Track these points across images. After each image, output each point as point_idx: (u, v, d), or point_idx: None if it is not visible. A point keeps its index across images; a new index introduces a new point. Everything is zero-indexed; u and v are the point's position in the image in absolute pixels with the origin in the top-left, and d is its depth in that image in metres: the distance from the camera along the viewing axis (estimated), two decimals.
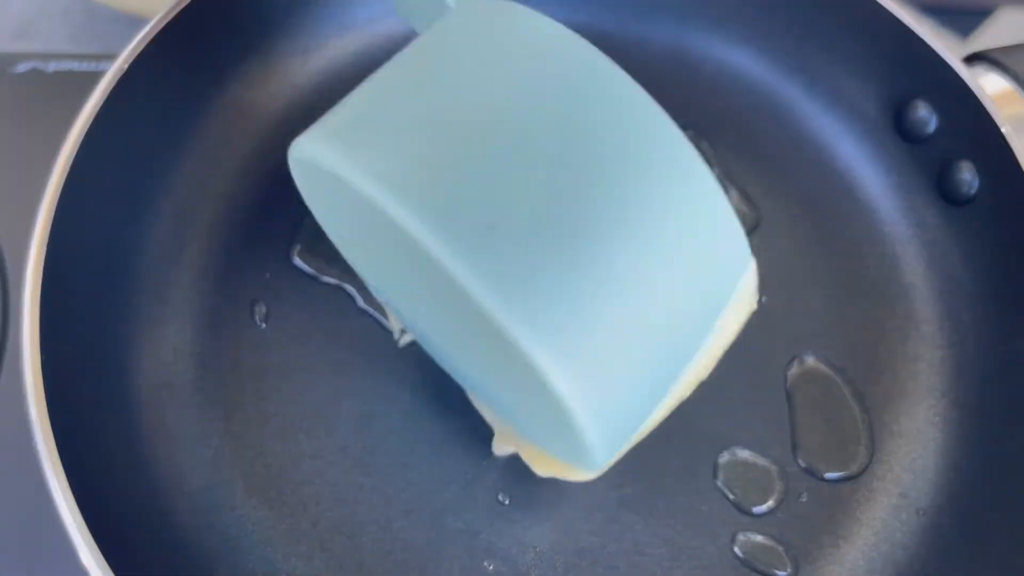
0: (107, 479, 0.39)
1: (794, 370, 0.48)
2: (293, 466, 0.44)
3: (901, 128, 0.51)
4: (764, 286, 0.50)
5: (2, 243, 0.51)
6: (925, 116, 0.50)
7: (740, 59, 0.56)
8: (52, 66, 0.58)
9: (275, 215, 0.50)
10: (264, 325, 0.47)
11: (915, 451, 0.46)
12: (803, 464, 0.45)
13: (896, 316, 0.50)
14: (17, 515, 0.44)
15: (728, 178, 0.53)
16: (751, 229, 0.52)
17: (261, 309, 0.47)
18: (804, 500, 0.45)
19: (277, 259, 0.49)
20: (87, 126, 0.42)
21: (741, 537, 0.44)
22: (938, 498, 0.45)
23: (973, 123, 0.48)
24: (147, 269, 0.47)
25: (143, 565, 0.38)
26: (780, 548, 0.44)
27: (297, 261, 0.49)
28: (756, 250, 0.51)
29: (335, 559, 0.42)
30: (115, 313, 0.44)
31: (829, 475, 0.45)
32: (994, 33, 0.66)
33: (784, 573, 0.43)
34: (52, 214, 0.40)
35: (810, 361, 0.48)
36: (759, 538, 0.44)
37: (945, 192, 0.50)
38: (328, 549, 0.42)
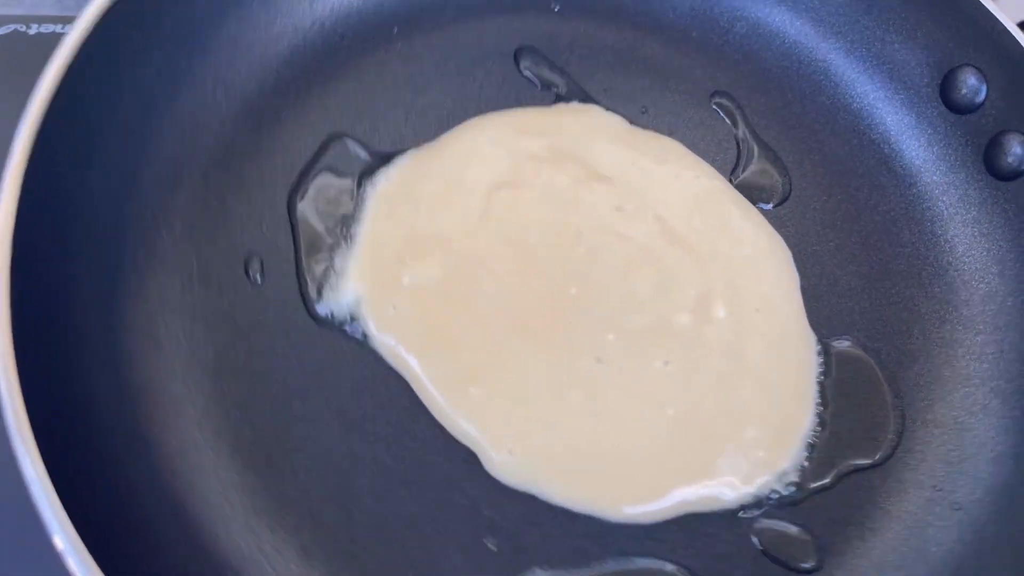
0: (80, 434, 0.36)
1: (826, 352, 0.45)
2: (284, 430, 0.41)
3: (948, 97, 0.48)
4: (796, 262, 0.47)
5: None
6: (975, 84, 0.47)
7: (774, 19, 0.52)
8: (34, 29, 0.54)
9: (274, 162, 0.47)
10: (259, 279, 0.44)
11: (950, 441, 0.43)
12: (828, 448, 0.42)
13: (933, 297, 0.47)
14: None
15: (758, 146, 0.50)
16: (781, 200, 0.49)
17: (256, 263, 0.44)
18: (829, 486, 0.42)
19: (274, 209, 0.45)
20: (68, 63, 0.38)
21: (758, 525, 0.41)
22: (976, 492, 0.42)
23: None
24: (136, 217, 0.43)
25: (115, 532, 0.35)
26: (806, 537, 0.40)
27: (298, 211, 0.45)
28: (786, 223, 0.49)
29: (325, 531, 0.39)
30: (99, 262, 0.41)
31: (857, 462, 0.42)
32: None
33: (808, 565, 0.40)
34: (28, 155, 0.36)
35: (843, 345, 0.45)
36: (782, 525, 0.41)
37: (992, 166, 0.47)
38: (318, 521, 0.39)
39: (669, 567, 0.39)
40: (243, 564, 0.38)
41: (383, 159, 0.47)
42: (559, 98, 0.51)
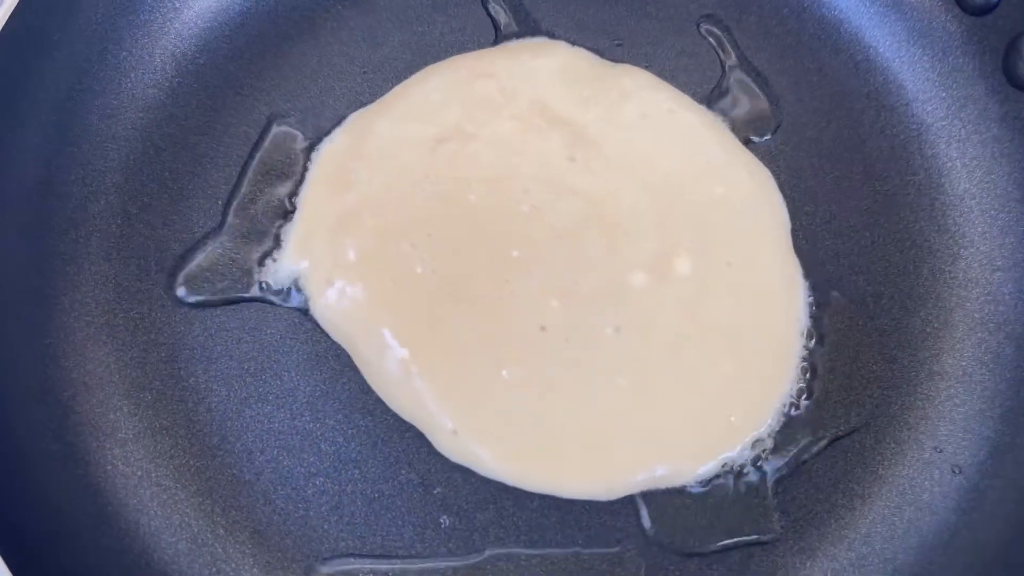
0: (22, 424, 0.37)
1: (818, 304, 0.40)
2: (236, 412, 0.40)
3: None
4: (787, 202, 0.43)
5: None
6: None
7: None
8: None
9: (226, 136, 0.45)
10: (208, 254, 0.43)
11: (957, 396, 0.39)
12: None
13: (945, 231, 0.41)
14: None
15: (747, 72, 0.45)
16: (772, 130, 0.44)
17: (209, 237, 0.43)
18: (814, 453, 0.38)
19: (228, 183, 0.44)
20: None
21: (727, 497, 0.37)
22: (979, 454, 0.37)
23: None
24: (82, 199, 0.43)
25: (65, 526, 0.35)
26: (774, 507, 0.37)
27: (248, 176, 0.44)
28: (778, 157, 0.44)
29: (279, 512, 0.39)
30: (39, 246, 0.41)
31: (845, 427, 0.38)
32: None
33: (768, 537, 0.37)
34: None
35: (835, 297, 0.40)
36: (754, 496, 0.37)
37: (1012, 75, 0.40)
38: (271, 502, 0.39)
39: (630, 545, 0.37)
40: (196, 547, 0.38)
41: (335, 122, 0.45)
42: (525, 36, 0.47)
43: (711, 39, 0.46)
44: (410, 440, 0.40)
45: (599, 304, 0.39)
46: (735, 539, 0.37)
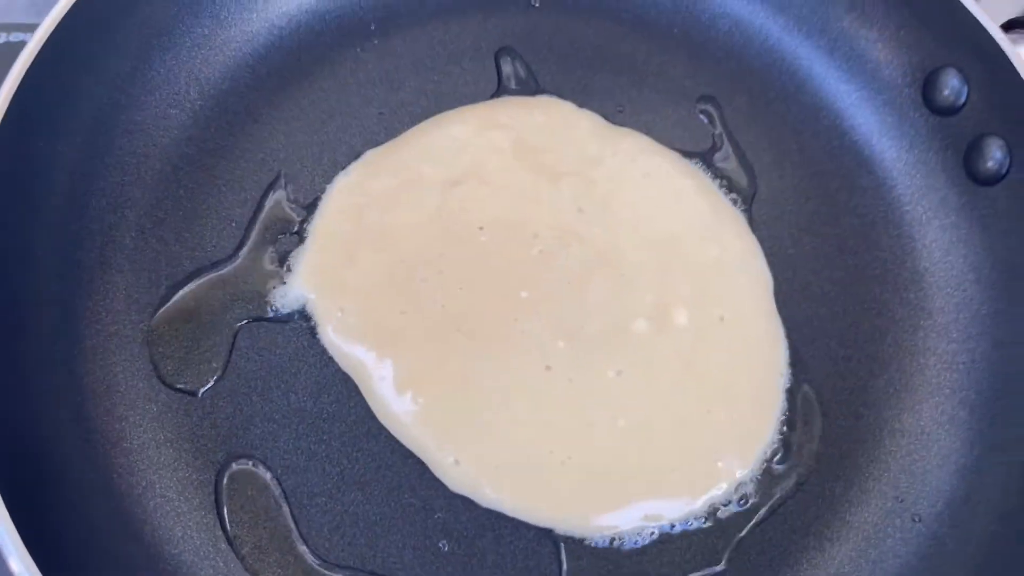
0: (37, 430, 0.37)
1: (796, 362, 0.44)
2: (243, 428, 0.41)
3: (929, 98, 0.47)
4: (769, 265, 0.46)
5: None
6: (956, 85, 0.45)
7: (757, 17, 0.51)
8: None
9: (246, 161, 0.47)
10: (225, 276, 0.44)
11: (916, 452, 0.42)
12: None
13: (908, 304, 0.46)
14: None
15: (734, 146, 0.49)
16: (747, 201, 0.48)
17: (222, 261, 0.45)
18: (789, 496, 0.41)
19: (244, 207, 0.46)
20: (36, 51, 0.39)
21: (712, 536, 0.40)
22: (937, 505, 0.41)
23: (1009, 96, 0.43)
24: (101, 210, 0.44)
25: (69, 530, 0.35)
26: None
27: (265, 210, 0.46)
28: (760, 225, 0.48)
29: (280, 529, 0.39)
30: (61, 259, 0.42)
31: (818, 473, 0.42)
32: None
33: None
34: None
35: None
36: (737, 535, 0.40)
37: (972, 170, 0.46)
38: (273, 518, 0.40)
39: None
40: (197, 560, 0.38)
41: (351, 157, 0.47)
42: (536, 95, 0.50)
43: (703, 116, 0.51)
44: (413, 465, 0.41)
45: (603, 347, 0.42)
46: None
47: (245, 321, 0.43)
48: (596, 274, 0.43)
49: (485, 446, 0.40)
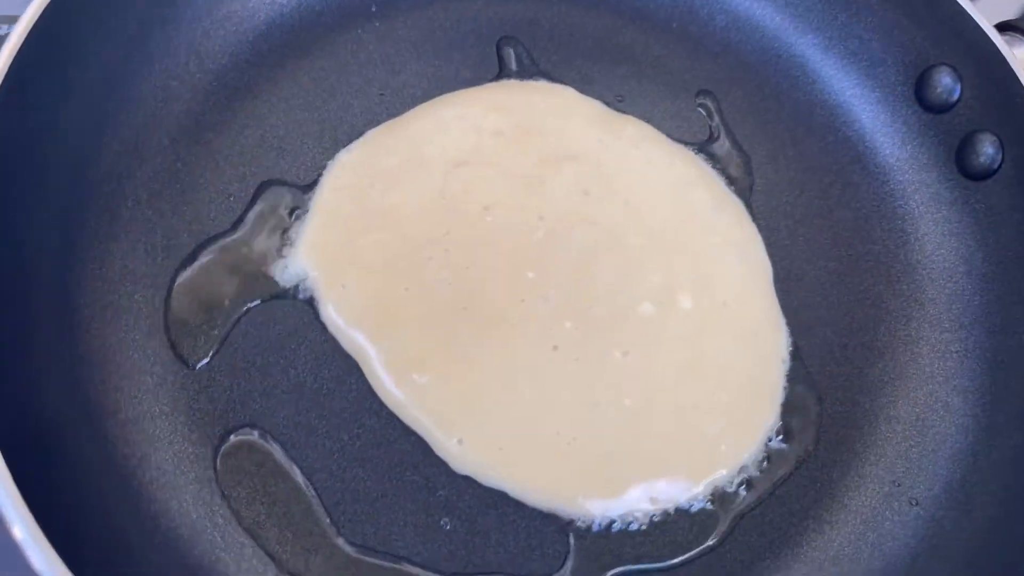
0: (35, 398, 0.36)
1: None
2: (241, 402, 0.40)
3: (922, 95, 0.48)
4: None
5: None
6: (950, 84, 0.47)
7: (755, 13, 0.53)
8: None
9: (244, 136, 0.46)
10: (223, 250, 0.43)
11: (911, 438, 0.43)
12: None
13: (900, 295, 0.47)
14: None
15: (731, 139, 0.50)
16: (746, 189, 0.48)
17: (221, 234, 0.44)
18: (788, 478, 0.42)
19: (242, 182, 0.45)
20: (33, 21, 0.38)
21: (714, 518, 0.40)
22: (933, 488, 0.42)
23: (1002, 94, 0.44)
24: (99, 184, 0.43)
25: (63, 500, 0.34)
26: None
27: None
28: (757, 217, 0.49)
29: (278, 504, 0.38)
30: (61, 228, 0.40)
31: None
32: None
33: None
34: None
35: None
36: (738, 515, 0.40)
37: (964, 166, 0.47)
38: (271, 493, 0.39)
39: (626, 558, 0.39)
40: (193, 534, 0.37)
41: (352, 136, 0.47)
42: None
43: (700, 109, 0.51)
44: (415, 443, 0.40)
45: (610, 329, 0.41)
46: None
47: (244, 295, 0.42)
48: (603, 256, 0.43)
49: (490, 426, 0.40)
